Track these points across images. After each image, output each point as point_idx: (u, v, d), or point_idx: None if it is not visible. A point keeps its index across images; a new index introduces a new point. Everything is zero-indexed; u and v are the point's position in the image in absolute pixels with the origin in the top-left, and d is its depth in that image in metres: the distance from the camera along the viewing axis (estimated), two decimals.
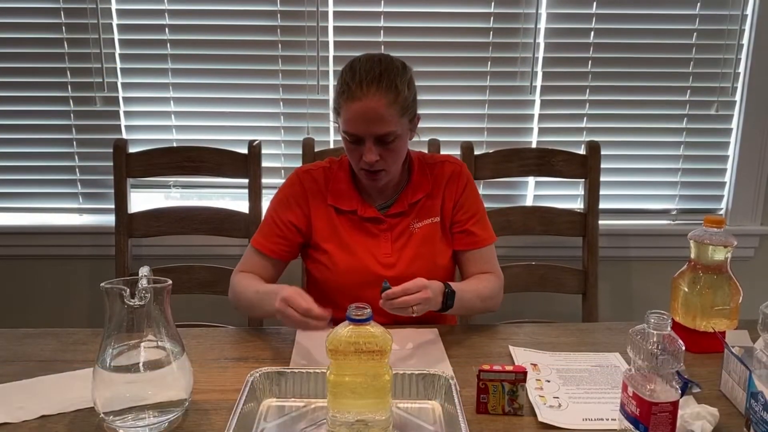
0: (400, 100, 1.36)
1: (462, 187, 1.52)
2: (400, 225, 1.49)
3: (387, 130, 1.36)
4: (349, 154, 1.43)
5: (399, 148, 1.40)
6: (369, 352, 0.97)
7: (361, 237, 1.48)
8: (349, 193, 1.49)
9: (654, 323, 0.97)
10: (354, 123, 1.35)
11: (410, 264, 1.47)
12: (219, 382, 1.19)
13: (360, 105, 1.33)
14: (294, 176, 1.54)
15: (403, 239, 1.49)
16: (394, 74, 1.36)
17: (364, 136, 1.36)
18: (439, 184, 1.51)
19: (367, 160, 1.37)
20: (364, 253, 1.47)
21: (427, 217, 1.50)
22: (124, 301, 0.99)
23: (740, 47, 2.14)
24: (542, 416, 1.07)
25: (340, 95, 1.37)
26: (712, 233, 1.32)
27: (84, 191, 2.19)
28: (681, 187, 2.25)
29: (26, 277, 2.20)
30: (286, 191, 1.52)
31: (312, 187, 1.51)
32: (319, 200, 1.50)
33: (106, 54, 2.08)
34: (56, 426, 1.04)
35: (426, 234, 1.49)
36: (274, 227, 1.50)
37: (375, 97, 1.33)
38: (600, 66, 2.14)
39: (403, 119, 1.38)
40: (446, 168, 1.53)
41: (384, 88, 1.34)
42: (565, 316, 2.16)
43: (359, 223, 1.49)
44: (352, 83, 1.34)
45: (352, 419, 0.99)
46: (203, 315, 2.05)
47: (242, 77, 2.11)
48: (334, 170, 1.52)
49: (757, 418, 0.96)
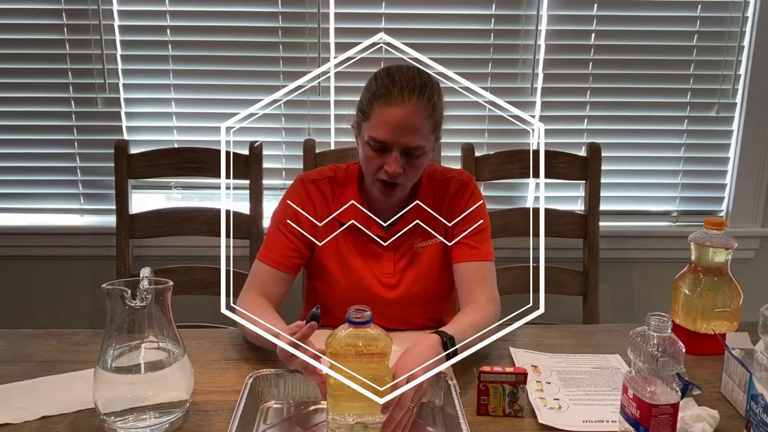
0: (435, 116, 1.31)
1: (466, 200, 1.45)
2: (404, 244, 1.43)
3: (418, 144, 1.30)
4: (367, 162, 1.35)
5: (422, 164, 1.35)
6: (369, 354, 0.97)
7: (363, 255, 1.43)
8: (355, 208, 1.42)
9: (654, 325, 0.97)
10: (386, 129, 1.28)
11: (411, 285, 1.43)
12: (220, 383, 1.19)
13: (397, 112, 1.27)
14: (300, 185, 1.47)
15: (406, 259, 1.43)
16: (433, 89, 1.31)
17: (392, 145, 1.29)
18: (444, 201, 1.45)
19: (391, 170, 1.30)
20: (366, 272, 1.43)
21: (432, 237, 1.44)
22: (126, 302, 0.99)
23: (741, 49, 2.14)
24: (543, 418, 1.07)
25: (375, 98, 1.29)
26: (713, 235, 1.32)
27: (85, 192, 2.19)
28: (682, 189, 2.25)
29: (27, 277, 2.21)
30: (293, 200, 1.45)
31: (319, 198, 1.44)
32: (325, 213, 1.43)
33: (107, 55, 2.08)
34: (57, 427, 1.04)
35: (430, 254, 1.44)
36: (284, 239, 1.42)
37: (415, 107, 1.27)
38: (601, 68, 2.14)
39: (432, 136, 1.34)
40: (452, 185, 1.46)
41: (425, 100, 1.28)
42: (566, 317, 2.15)
43: (363, 239, 1.43)
44: (393, 88, 1.28)
45: (351, 421, 0.99)
46: (204, 316, 2.04)
47: (243, 78, 2.11)
48: (340, 180, 1.46)
49: (757, 421, 0.96)
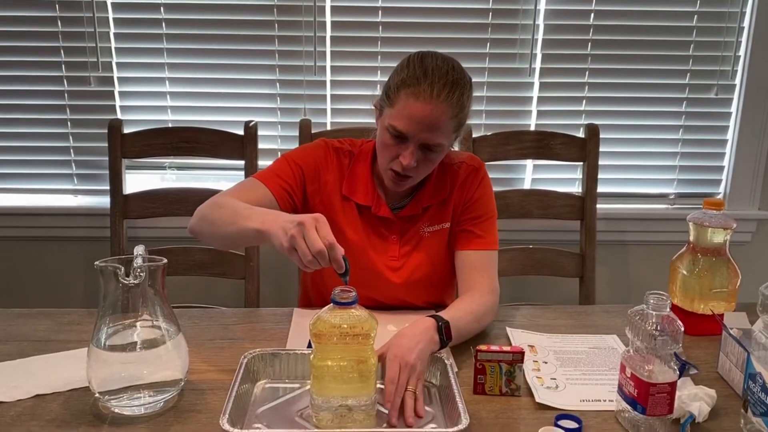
0: (461, 117, 1.28)
1: (475, 187, 1.42)
2: (411, 228, 1.41)
3: (437, 141, 1.27)
4: (384, 148, 1.31)
5: (437, 159, 1.32)
6: (353, 335, 0.96)
7: (369, 235, 1.41)
8: (365, 186, 1.39)
9: (653, 304, 0.96)
10: (409, 122, 1.24)
11: (415, 270, 1.41)
12: (215, 363, 1.18)
13: (424, 107, 1.23)
14: (324, 146, 1.42)
15: (411, 243, 1.41)
16: (464, 87, 1.27)
17: (411, 138, 1.26)
18: (454, 187, 1.42)
19: (405, 163, 1.27)
20: (372, 252, 1.40)
21: (439, 222, 1.41)
22: (119, 280, 0.98)
23: (741, 30, 2.12)
24: (540, 397, 1.07)
25: (404, 86, 1.24)
26: (712, 216, 1.32)
27: (79, 172, 2.17)
28: (679, 171, 2.24)
29: (21, 258, 2.19)
30: (311, 152, 1.41)
31: (336, 168, 1.40)
32: (337, 185, 1.40)
33: (100, 33, 2.05)
34: (51, 405, 1.03)
35: (436, 240, 1.42)
36: (290, 173, 1.37)
37: (443, 105, 1.23)
38: (600, 48, 2.12)
39: (453, 135, 1.31)
40: (462, 170, 1.42)
41: (455, 99, 1.24)
42: (562, 300, 2.16)
43: (370, 220, 1.40)
44: (424, 81, 1.23)
45: (335, 404, 0.98)
46: (200, 297, 2.04)
47: (238, 57, 2.09)
48: (354, 156, 1.42)
49: (755, 399, 0.96)
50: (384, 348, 1.09)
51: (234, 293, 2.05)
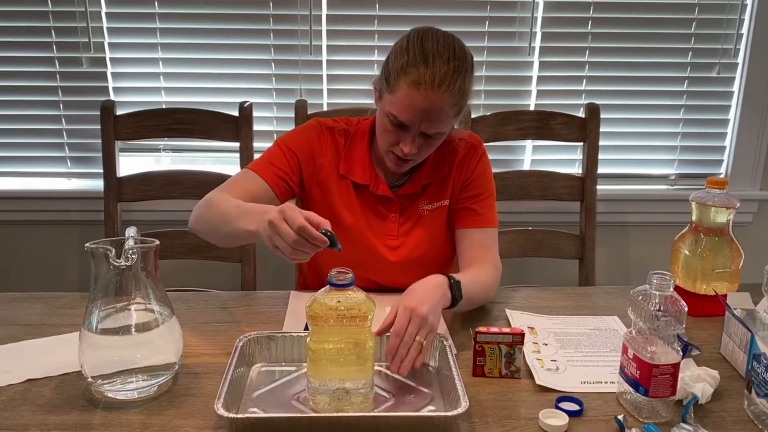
0: (462, 103, 1.26)
1: (474, 165, 1.41)
2: (410, 206, 1.40)
3: (438, 130, 1.26)
4: (383, 133, 1.29)
5: (438, 143, 1.31)
6: (350, 317, 0.94)
7: (367, 215, 1.39)
8: (363, 165, 1.38)
9: (656, 284, 0.94)
10: (408, 112, 1.22)
11: (414, 248, 1.40)
12: (210, 346, 1.16)
13: (424, 98, 1.20)
14: (318, 127, 1.40)
15: (411, 221, 1.40)
16: (465, 72, 1.23)
17: (412, 127, 1.24)
18: (453, 165, 1.41)
19: (406, 150, 1.26)
20: (369, 232, 1.39)
21: (438, 200, 1.40)
22: (110, 262, 0.96)
23: (744, 8, 2.08)
24: (540, 379, 1.05)
25: (403, 74, 1.21)
26: (715, 194, 1.30)
27: (72, 155, 2.14)
28: (680, 152, 2.22)
29: (14, 242, 2.17)
30: (305, 135, 1.39)
31: (331, 147, 1.39)
32: (333, 166, 1.38)
33: (91, 12, 2.00)
34: (42, 390, 1.02)
35: (435, 217, 1.40)
36: (284, 160, 1.36)
37: (443, 96, 1.20)
38: (600, 27, 2.09)
39: (454, 119, 1.30)
40: (461, 147, 1.41)
41: (456, 89, 1.21)
42: (562, 281, 2.15)
43: (368, 198, 1.38)
44: (425, 71, 1.19)
45: (332, 387, 0.96)
46: (194, 280, 2.02)
47: (233, 37, 2.05)
48: (350, 135, 1.40)
49: (759, 380, 0.94)
50: (392, 312, 1.08)
51: (230, 277, 2.03)
